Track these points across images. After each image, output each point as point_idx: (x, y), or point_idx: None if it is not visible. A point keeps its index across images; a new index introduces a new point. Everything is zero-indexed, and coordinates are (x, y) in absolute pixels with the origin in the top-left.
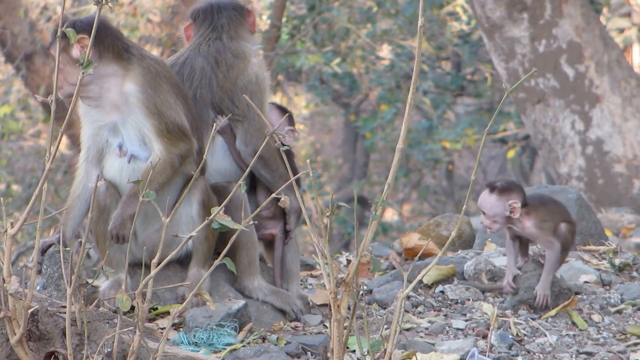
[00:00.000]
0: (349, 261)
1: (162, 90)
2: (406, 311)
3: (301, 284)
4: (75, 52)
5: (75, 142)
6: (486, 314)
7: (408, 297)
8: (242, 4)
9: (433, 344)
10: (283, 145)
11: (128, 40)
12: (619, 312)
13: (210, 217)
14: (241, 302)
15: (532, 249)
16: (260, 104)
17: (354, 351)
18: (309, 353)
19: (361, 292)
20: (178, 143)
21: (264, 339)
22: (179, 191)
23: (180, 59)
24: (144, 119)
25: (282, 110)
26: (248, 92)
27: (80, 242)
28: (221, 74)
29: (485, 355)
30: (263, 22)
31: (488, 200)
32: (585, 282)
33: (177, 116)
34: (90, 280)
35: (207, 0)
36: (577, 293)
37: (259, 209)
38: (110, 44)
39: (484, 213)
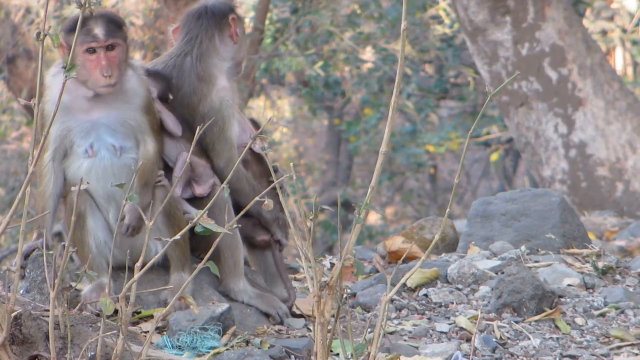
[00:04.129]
0: (332, 264)
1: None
2: (389, 319)
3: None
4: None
5: None
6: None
7: (392, 301)
8: (227, 10)
9: (417, 347)
10: (265, 151)
11: None
12: (602, 315)
13: (194, 220)
14: (225, 306)
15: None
16: (220, 132)
17: (337, 354)
18: (292, 356)
19: (345, 296)
20: (159, 138)
21: (247, 342)
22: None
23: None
24: (142, 116)
25: (254, 123)
26: (208, 120)
27: (64, 245)
28: (184, 100)
29: (468, 359)
30: (246, 26)
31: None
32: (569, 285)
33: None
34: (73, 284)
35: (201, 1)
36: (560, 296)
37: (242, 212)
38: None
39: None
